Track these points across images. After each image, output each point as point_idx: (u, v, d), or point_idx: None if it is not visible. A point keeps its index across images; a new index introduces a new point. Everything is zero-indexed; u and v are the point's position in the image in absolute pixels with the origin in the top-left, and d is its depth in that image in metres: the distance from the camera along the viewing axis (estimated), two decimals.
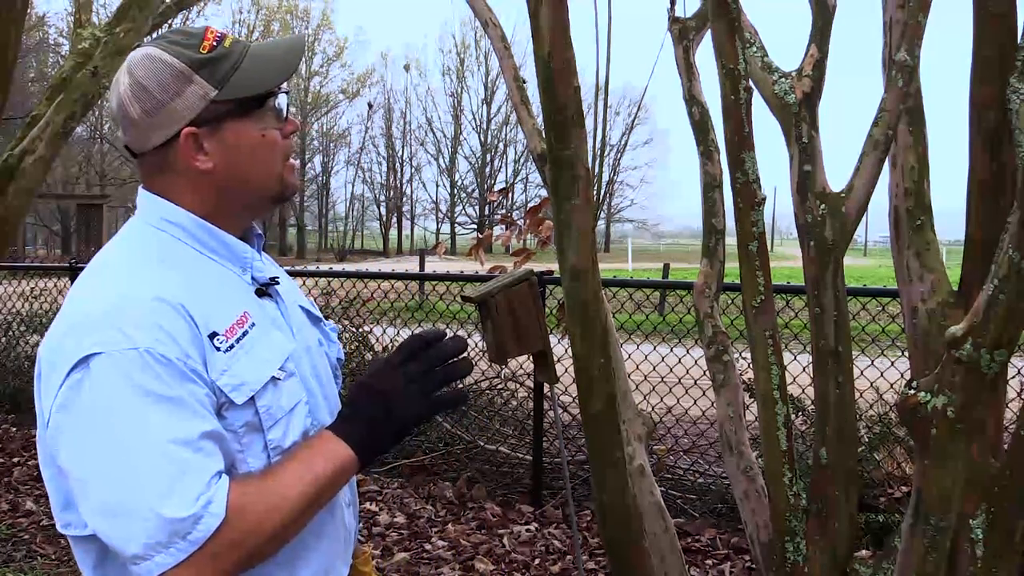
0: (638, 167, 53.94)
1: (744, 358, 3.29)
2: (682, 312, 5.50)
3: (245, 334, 1.25)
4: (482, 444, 5.32)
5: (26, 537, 4.48)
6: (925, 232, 1.90)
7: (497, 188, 42.17)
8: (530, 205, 5.16)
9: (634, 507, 2.02)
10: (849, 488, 1.91)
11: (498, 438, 5.40)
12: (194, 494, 1.11)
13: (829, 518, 1.90)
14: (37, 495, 4.99)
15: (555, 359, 1.66)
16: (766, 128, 2.08)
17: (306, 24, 47.09)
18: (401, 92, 56.48)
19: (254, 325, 1.27)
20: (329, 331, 1.51)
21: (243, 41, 1.33)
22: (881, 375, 4.56)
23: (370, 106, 47.23)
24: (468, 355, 1.35)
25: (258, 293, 1.34)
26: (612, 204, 53.92)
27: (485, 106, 51.06)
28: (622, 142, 49.23)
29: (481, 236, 5.24)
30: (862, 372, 3.78)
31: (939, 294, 1.86)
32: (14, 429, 6.46)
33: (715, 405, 2.39)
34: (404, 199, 54.37)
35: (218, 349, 1.21)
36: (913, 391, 1.64)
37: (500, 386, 5.63)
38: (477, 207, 52.03)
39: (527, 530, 4.51)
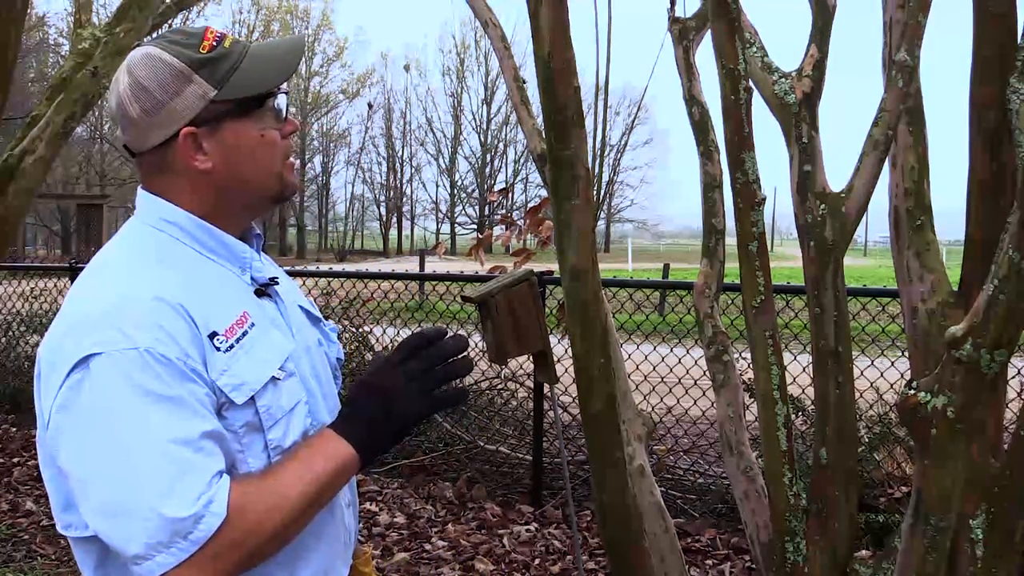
0: (638, 167, 54.03)
1: (744, 358, 3.29)
2: (682, 312, 5.50)
3: (245, 334, 1.25)
4: (482, 444, 5.31)
5: (26, 537, 4.47)
6: (925, 232, 1.90)
7: (497, 188, 42.09)
8: (530, 205, 5.16)
9: (634, 507, 2.02)
10: (849, 488, 1.91)
11: (498, 438, 5.40)
12: (195, 494, 1.12)
13: (829, 518, 1.90)
14: (37, 495, 4.99)
15: (555, 359, 1.66)
16: (766, 128, 2.08)
17: (306, 24, 47.12)
18: (401, 92, 56.63)
19: (254, 325, 1.27)
20: (329, 331, 1.51)
21: (243, 41, 1.34)
22: (881, 375, 4.56)
23: (370, 106, 47.25)
24: (468, 354, 1.35)
25: (257, 293, 1.34)
26: (612, 204, 53.92)
27: (485, 106, 51.10)
28: (622, 142, 49.26)
29: (481, 236, 5.24)
30: (862, 372, 3.78)
31: (939, 294, 1.86)
32: (14, 429, 6.46)
33: (715, 405, 2.39)
34: (404, 199, 54.40)
35: (218, 349, 1.21)
36: (913, 391, 1.64)
37: (500, 386, 5.63)
38: (477, 207, 52.03)
39: (527, 530, 4.50)
